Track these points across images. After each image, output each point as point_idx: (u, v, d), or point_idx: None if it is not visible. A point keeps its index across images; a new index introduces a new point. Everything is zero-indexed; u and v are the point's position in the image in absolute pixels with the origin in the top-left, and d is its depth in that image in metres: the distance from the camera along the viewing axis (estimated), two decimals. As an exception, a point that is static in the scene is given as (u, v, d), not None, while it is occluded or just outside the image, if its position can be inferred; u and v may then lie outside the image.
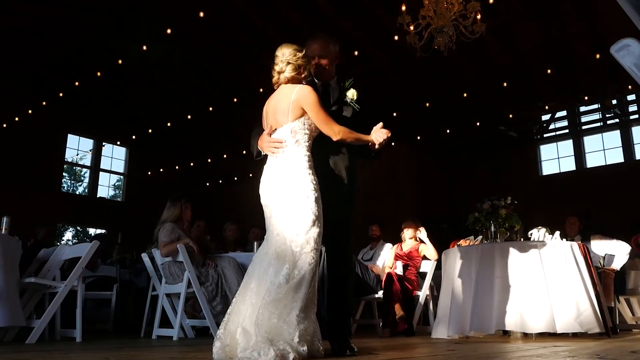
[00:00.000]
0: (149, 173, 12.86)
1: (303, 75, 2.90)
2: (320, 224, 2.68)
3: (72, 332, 4.45)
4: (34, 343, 3.93)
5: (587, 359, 2.61)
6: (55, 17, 8.75)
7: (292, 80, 2.86)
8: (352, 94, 3.09)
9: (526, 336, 4.53)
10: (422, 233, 6.17)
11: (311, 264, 2.58)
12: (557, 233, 4.93)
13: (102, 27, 8.81)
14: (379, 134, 2.85)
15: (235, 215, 8.60)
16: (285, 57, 2.85)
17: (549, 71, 8.53)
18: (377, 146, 2.88)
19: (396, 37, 7.04)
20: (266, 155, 2.91)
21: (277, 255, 2.61)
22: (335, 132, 2.79)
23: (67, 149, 12.67)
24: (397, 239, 6.47)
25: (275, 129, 2.84)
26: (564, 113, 12.05)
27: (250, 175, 10.89)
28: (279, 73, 2.87)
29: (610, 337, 4.42)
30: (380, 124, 2.89)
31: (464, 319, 4.50)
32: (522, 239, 4.77)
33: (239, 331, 2.44)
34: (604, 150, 11.68)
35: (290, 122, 2.79)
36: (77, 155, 13.55)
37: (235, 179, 12.58)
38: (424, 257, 6.13)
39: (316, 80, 3.18)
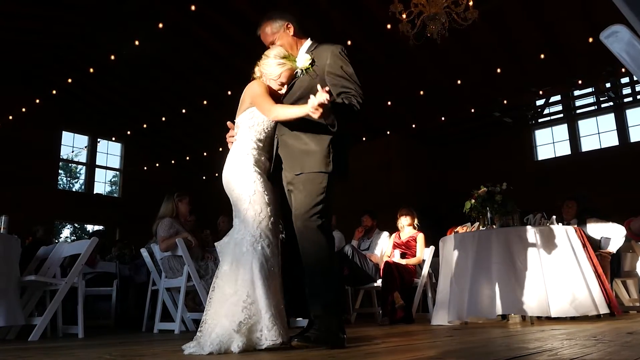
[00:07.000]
0: (145, 168, 12.84)
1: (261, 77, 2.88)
2: (260, 208, 2.63)
3: (74, 329, 4.47)
4: (37, 340, 3.95)
5: (585, 340, 2.64)
6: (46, 16, 8.72)
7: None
8: (303, 63, 2.79)
9: (524, 320, 4.57)
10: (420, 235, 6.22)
11: (246, 251, 2.55)
12: (553, 217, 4.97)
13: (93, 23, 8.76)
14: (312, 102, 2.38)
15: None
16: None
17: (542, 56, 8.52)
18: (317, 116, 2.41)
19: (389, 26, 7.04)
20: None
21: (223, 247, 2.69)
22: (269, 111, 2.66)
23: (62, 146, 12.66)
24: (392, 228, 6.50)
25: None
26: (558, 98, 12.04)
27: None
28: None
29: (615, 315, 4.55)
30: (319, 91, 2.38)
31: (463, 305, 4.54)
32: (518, 225, 4.80)
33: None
34: (599, 133, 11.70)
35: (237, 117, 2.91)
36: (73, 152, 13.52)
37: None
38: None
39: None
